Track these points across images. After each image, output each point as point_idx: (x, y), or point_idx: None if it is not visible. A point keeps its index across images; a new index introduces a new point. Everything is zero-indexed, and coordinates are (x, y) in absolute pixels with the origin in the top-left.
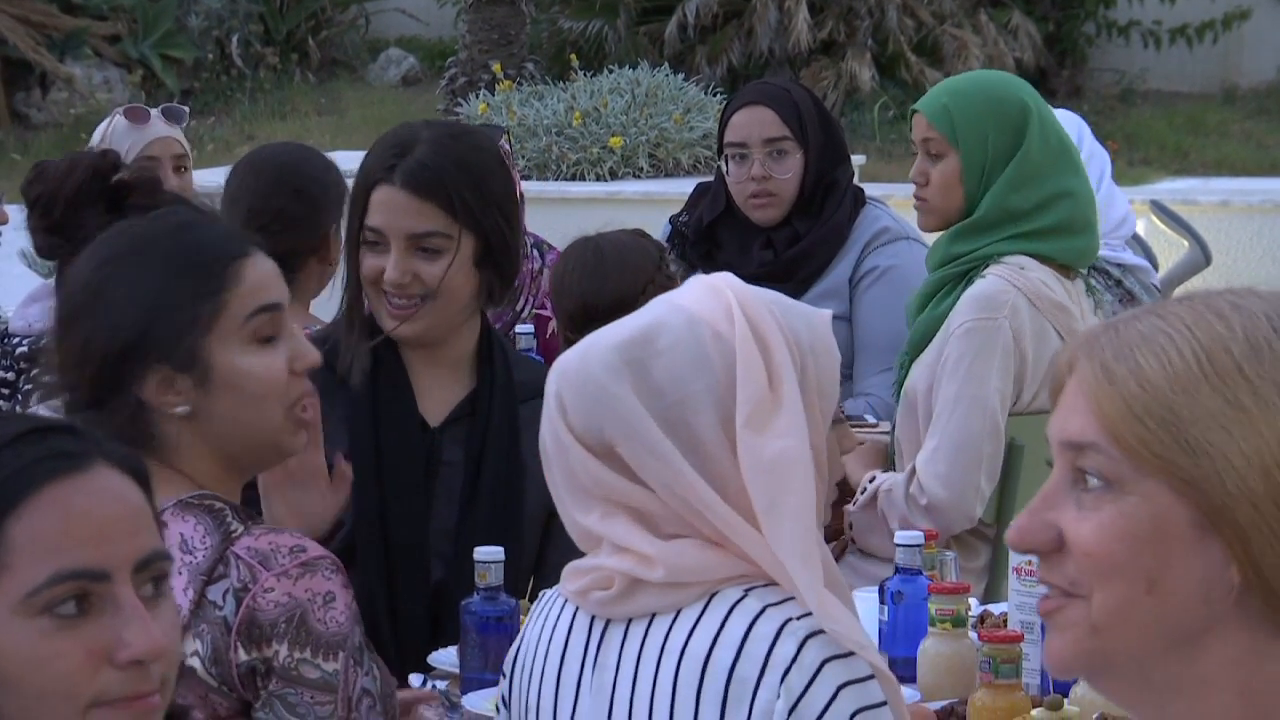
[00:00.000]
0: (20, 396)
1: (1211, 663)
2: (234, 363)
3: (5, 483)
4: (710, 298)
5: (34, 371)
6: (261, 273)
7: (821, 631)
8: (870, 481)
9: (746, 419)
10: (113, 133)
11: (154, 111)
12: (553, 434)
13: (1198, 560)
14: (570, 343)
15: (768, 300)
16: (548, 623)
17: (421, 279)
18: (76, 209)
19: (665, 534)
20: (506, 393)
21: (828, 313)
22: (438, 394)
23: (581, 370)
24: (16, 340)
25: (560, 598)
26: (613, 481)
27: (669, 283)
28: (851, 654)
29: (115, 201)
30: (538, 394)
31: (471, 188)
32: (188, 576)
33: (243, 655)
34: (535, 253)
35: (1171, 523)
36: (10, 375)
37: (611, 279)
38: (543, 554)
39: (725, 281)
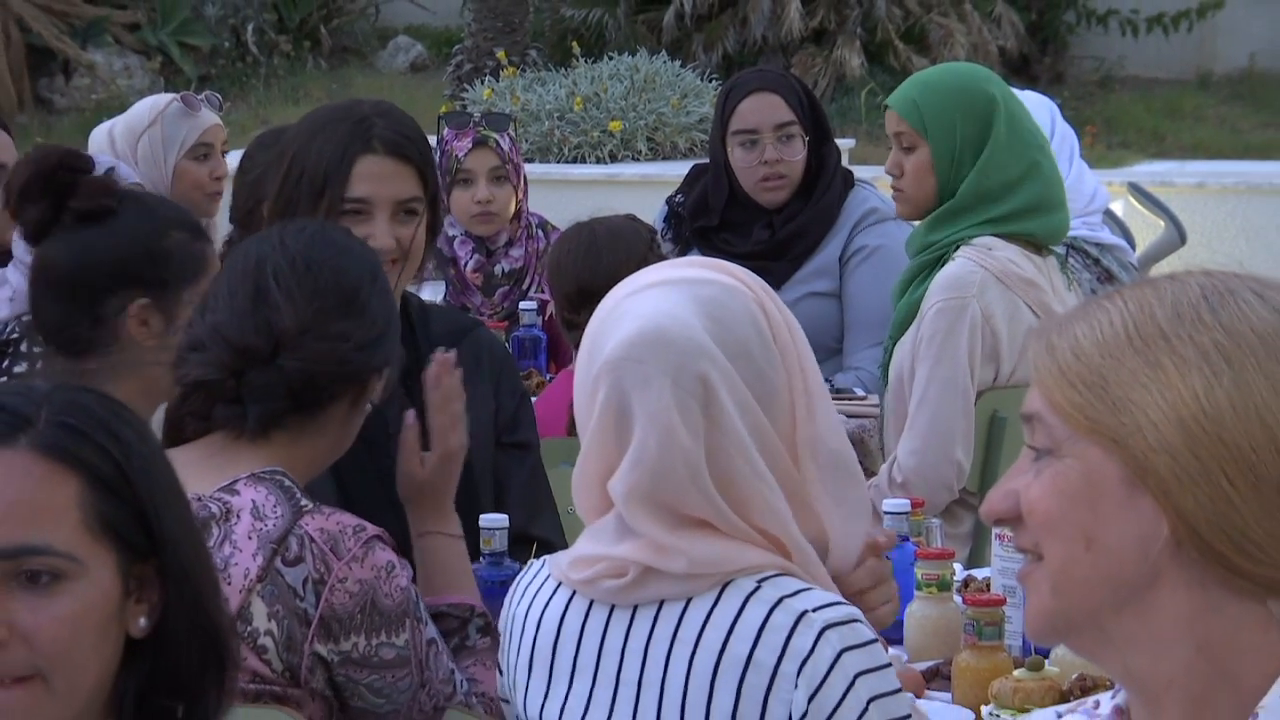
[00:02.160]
0: None
1: (1165, 618)
2: None
3: None
4: (721, 272)
5: (4, 363)
6: None
7: (838, 623)
8: None
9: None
10: (166, 118)
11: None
12: (652, 414)
13: (1131, 516)
14: (568, 323)
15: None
16: (535, 606)
17: (400, 244)
18: (25, 198)
19: (683, 524)
20: (430, 348)
21: None
22: None
23: (673, 335)
24: None
25: (552, 580)
26: (689, 458)
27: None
28: (868, 643)
29: (58, 197)
30: (455, 341)
31: (430, 153)
32: (257, 542)
33: (319, 648)
34: (540, 233)
35: (1102, 481)
36: None
37: (605, 260)
38: (500, 485)
39: (716, 263)
